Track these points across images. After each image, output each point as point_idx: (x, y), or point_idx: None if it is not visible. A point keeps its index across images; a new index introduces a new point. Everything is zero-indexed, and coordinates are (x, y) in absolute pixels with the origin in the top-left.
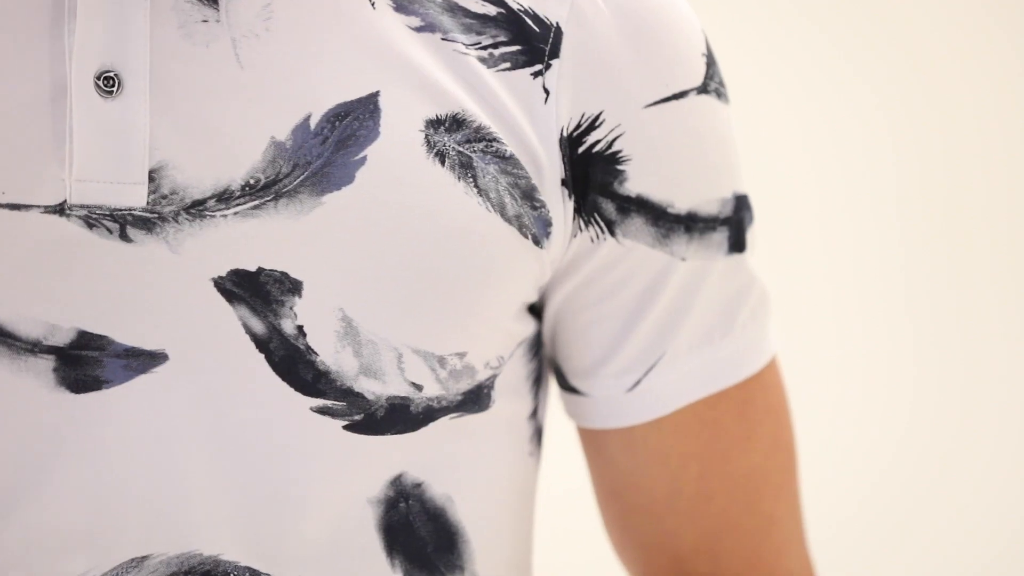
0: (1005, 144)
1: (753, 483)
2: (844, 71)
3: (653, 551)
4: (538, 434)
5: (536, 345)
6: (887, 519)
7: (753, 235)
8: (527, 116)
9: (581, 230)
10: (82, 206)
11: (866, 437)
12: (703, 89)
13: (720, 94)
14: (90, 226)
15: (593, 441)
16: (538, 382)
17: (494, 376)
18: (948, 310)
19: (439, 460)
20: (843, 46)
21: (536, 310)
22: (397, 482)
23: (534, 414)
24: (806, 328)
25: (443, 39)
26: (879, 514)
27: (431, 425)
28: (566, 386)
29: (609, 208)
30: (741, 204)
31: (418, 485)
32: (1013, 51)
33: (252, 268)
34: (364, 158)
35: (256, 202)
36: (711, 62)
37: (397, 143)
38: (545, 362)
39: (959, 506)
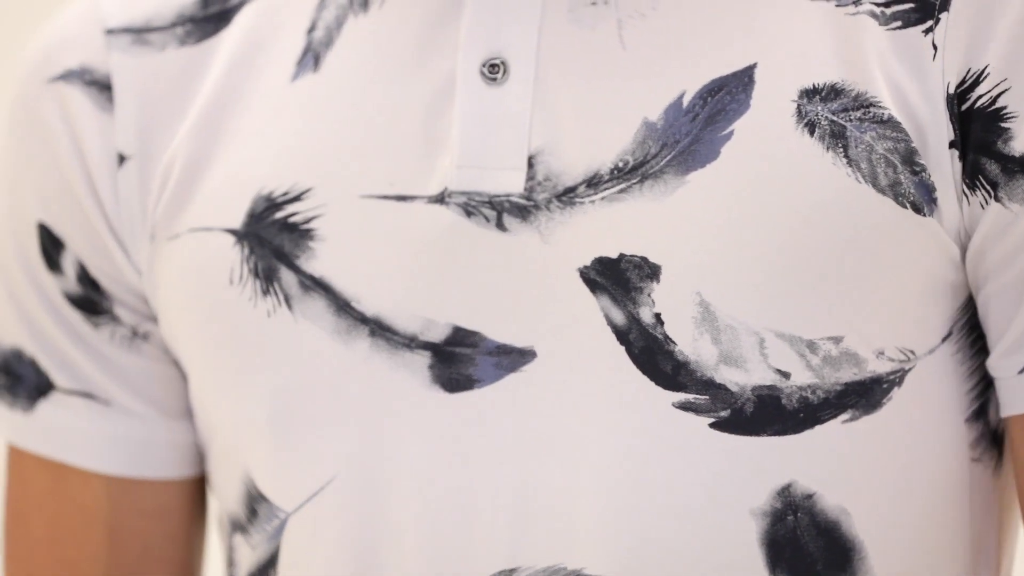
0: None
1: None
2: None
3: None
4: (990, 437)
5: (982, 338)
6: None
7: None
8: (915, 75)
9: (968, 194)
10: (462, 192)
11: None
12: None
13: None
14: (469, 214)
15: (1007, 431)
16: (988, 377)
17: (900, 371)
18: None
19: (833, 468)
20: None
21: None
22: (785, 492)
23: (980, 414)
24: None
25: (837, 4)
26: None
27: (818, 428)
28: None
29: (993, 169)
30: None
31: (809, 496)
32: None
33: (614, 255)
34: (731, 132)
35: (623, 186)
36: None
37: (765, 115)
38: None
39: None
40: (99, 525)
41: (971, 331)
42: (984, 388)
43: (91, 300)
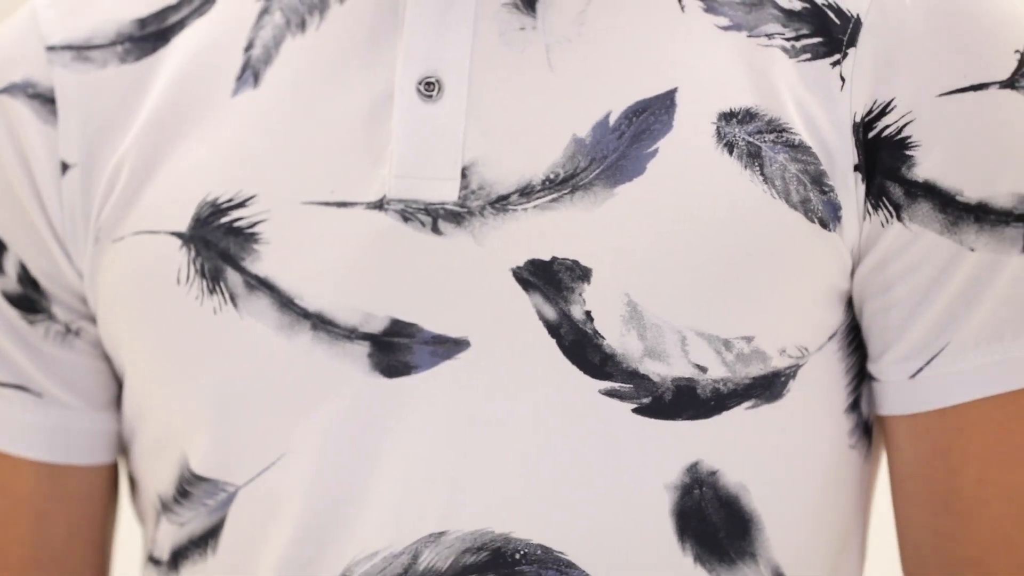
0: None
1: None
2: None
3: (928, 554)
4: (864, 427)
5: (858, 338)
6: None
7: None
8: (823, 104)
9: (870, 214)
10: (400, 200)
11: None
12: (1009, 84)
13: None
14: (406, 219)
15: (887, 429)
16: (861, 375)
17: (795, 366)
18: None
19: (735, 449)
20: None
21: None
22: (693, 469)
23: (855, 406)
24: None
25: (749, 36)
26: None
27: (725, 414)
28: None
29: (897, 192)
30: None
31: (713, 473)
32: None
33: (547, 258)
34: (656, 150)
35: (554, 195)
36: None
37: (687, 135)
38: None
39: None
40: (27, 509)
41: (849, 333)
42: (857, 384)
43: (30, 299)
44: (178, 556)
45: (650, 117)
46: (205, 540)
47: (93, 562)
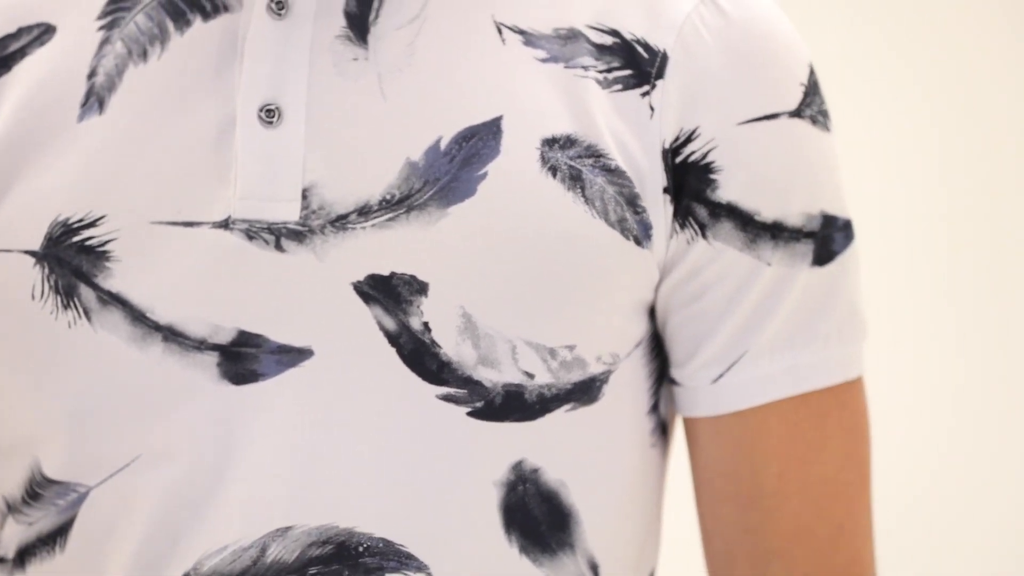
0: None
1: (826, 491)
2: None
3: (735, 548)
4: (661, 427)
5: (658, 346)
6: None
7: (848, 259)
8: (634, 131)
9: (677, 232)
10: (244, 220)
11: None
12: (796, 114)
13: (816, 121)
14: (250, 238)
15: (690, 431)
16: (660, 379)
17: (608, 371)
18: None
19: (555, 448)
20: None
21: (654, 312)
22: (518, 467)
23: (655, 408)
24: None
25: (565, 67)
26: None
27: (547, 416)
28: (668, 377)
29: (702, 213)
30: (830, 224)
31: (535, 470)
32: None
33: (386, 272)
34: (485, 173)
35: (391, 215)
36: (811, 92)
37: (514, 159)
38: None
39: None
40: None
41: (651, 340)
42: (657, 388)
43: None
44: (25, 554)
45: (479, 142)
46: (53, 538)
47: None
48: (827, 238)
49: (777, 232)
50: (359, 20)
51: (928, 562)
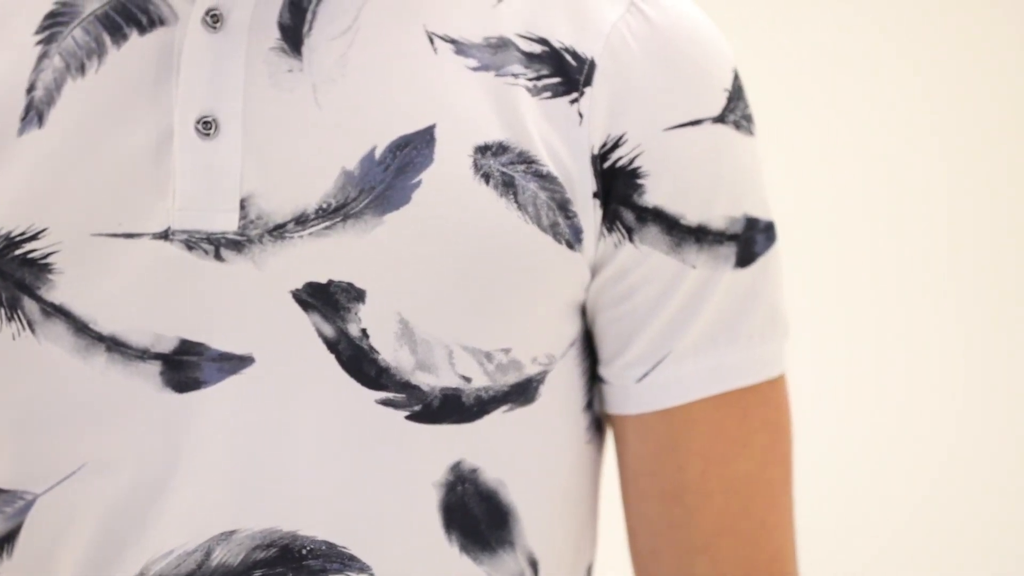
0: None
1: (749, 489)
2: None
3: (661, 544)
4: (596, 424)
5: (592, 344)
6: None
7: (770, 260)
8: (563, 137)
9: (606, 235)
10: (183, 231)
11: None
12: (720, 119)
13: (740, 126)
14: (190, 248)
15: (617, 428)
16: (594, 377)
17: (544, 372)
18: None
19: (493, 449)
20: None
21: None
22: (456, 467)
23: (590, 405)
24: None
25: (496, 75)
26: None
27: (485, 418)
28: (597, 375)
29: (629, 217)
30: (752, 226)
31: (474, 470)
32: None
33: (323, 280)
34: (419, 181)
35: (327, 223)
36: (735, 97)
37: (447, 167)
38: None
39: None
40: None
41: (584, 339)
42: (591, 386)
43: None
44: None
45: (412, 151)
46: (1, 545)
47: None
48: (749, 240)
49: (701, 235)
50: (293, 32)
51: (930, 562)
